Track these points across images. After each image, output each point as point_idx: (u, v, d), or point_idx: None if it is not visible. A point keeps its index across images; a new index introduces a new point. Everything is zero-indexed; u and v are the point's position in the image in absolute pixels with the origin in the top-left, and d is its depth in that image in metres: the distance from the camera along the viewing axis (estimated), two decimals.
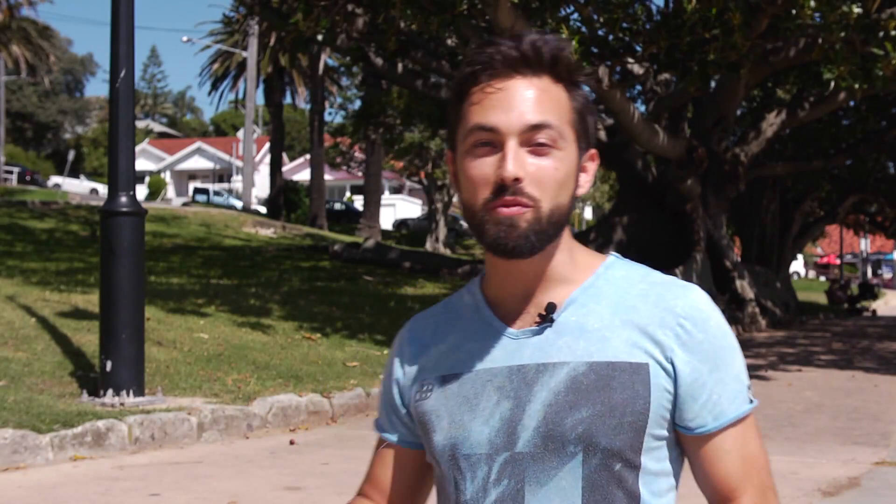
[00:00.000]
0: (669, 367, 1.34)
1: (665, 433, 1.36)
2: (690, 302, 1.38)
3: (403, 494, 1.53)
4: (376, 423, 1.56)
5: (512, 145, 1.31)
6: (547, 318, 1.37)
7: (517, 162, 1.30)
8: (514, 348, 1.38)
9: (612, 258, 1.45)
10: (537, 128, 1.31)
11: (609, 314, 1.37)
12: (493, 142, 1.32)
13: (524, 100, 1.32)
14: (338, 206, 49.29)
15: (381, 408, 1.56)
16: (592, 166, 1.42)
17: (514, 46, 1.34)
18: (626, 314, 1.36)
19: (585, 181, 1.40)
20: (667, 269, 17.81)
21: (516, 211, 1.31)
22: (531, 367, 1.36)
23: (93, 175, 67.39)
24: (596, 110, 1.46)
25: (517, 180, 1.30)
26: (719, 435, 1.36)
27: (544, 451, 1.33)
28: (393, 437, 1.52)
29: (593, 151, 1.42)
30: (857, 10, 11.34)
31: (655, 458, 1.36)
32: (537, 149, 1.32)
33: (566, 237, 1.40)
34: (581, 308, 1.38)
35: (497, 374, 1.38)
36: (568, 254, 1.40)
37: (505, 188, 1.30)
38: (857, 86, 11.94)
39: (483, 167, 1.32)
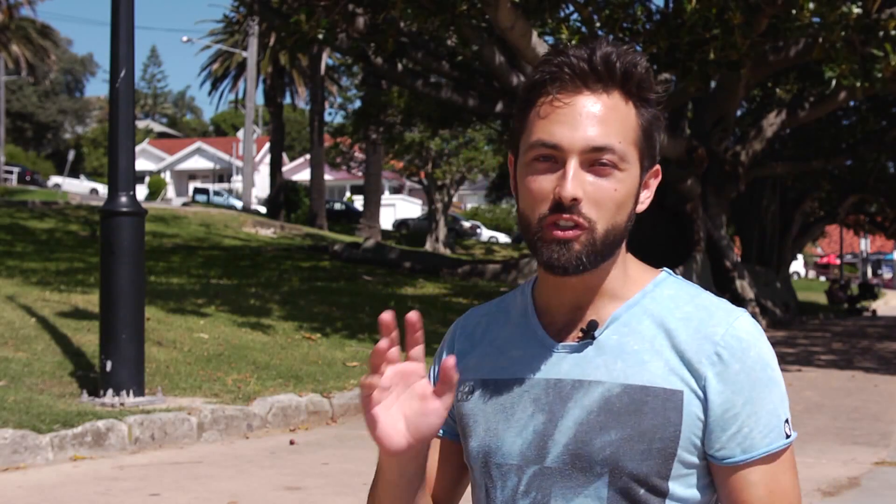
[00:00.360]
0: (702, 395, 1.32)
1: (696, 460, 1.34)
2: (732, 331, 1.34)
3: (444, 485, 1.52)
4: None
5: (573, 164, 1.29)
6: (588, 335, 1.37)
7: (576, 181, 1.29)
8: (554, 361, 1.38)
9: (664, 275, 1.43)
10: (600, 150, 1.30)
11: (650, 336, 1.35)
12: (555, 157, 1.30)
13: (590, 118, 1.30)
14: (338, 206, 49.25)
15: None
16: (654, 182, 1.41)
17: (586, 59, 1.31)
18: (667, 338, 1.34)
19: (646, 198, 1.39)
20: (667, 269, 17.89)
21: (571, 234, 1.30)
22: (568, 382, 1.35)
23: (93, 175, 67.35)
24: (663, 126, 1.40)
25: (575, 200, 1.29)
26: (747, 467, 1.33)
27: (572, 469, 1.33)
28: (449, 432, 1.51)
29: (657, 168, 1.40)
30: (856, 10, 11.35)
31: (685, 485, 1.34)
32: (598, 168, 1.30)
33: (621, 251, 1.38)
34: (623, 327, 1.36)
35: (535, 385, 1.38)
36: (622, 268, 1.39)
37: (562, 206, 1.29)
38: (858, 84, 11.94)
39: (543, 182, 1.31)
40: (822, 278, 62.69)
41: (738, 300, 18.30)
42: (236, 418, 6.83)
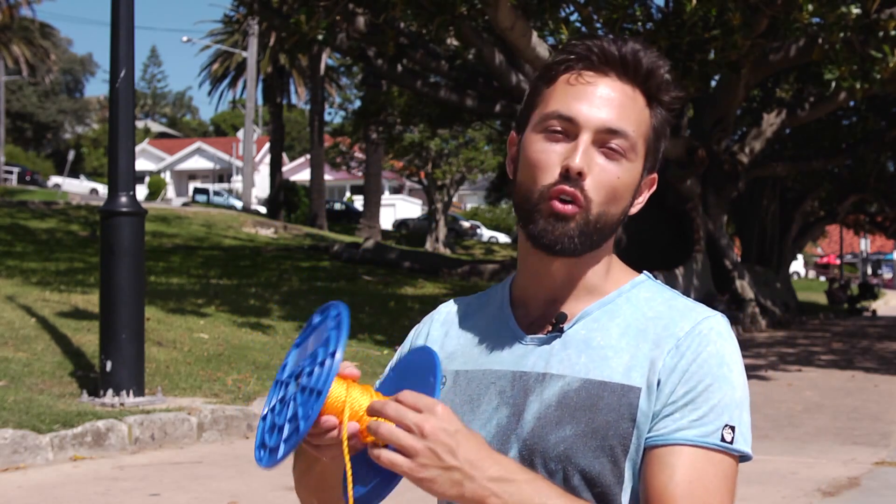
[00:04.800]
0: (656, 388, 1.28)
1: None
2: (697, 327, 1.30)
3: None
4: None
5: (585, 139, 1.29)
6: (556, 327, 1.35)
7: (586, 156, 1.29)
8: (521, 353, 1.36)
9: (643, 277, 1.41)
10: (614, 133, 1.30)
11: (618, 333, 1.33)
12: (567, 132, 1.30)
13: (610, 100, 1.31)
14: (338, 206, 49.24)
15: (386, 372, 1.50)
16: (648, 192, 1.40)
17: (616, 47, 1.32)
18: (635, 336, 1.32)
19: (639, 202, 1.38)
20: (667, 269, 17.81)
21: (570, 209, 1.29)
22: (532, 375, 1.33)
23: (93, 175, 67.32)
24: (668, 134, 1.40)
25: (580, 174, 1.28)
26: (668, 448, 1.25)
27: (530, 465, 1.29)
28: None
29: (654, 177, 1.40)
30: (855, 10, 11.36)
31: (633, 486, 1.29)
32: (608, 151, 1.30)
33: (607, 248, 1.37)
34: (593, 323, 1.34)
35: (501, 377, 1.35)
36: (605, 266, 1.38)
37: (568, 178, 1.28)
38: (857, 85, 11.94)
39: (551, 153, 1.30)
40: (822, 278, 62.69)
41: (738, 300, 18.31)
42: (236, 418, 6.83)
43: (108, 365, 6.68)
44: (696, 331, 1.30)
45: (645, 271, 1.43)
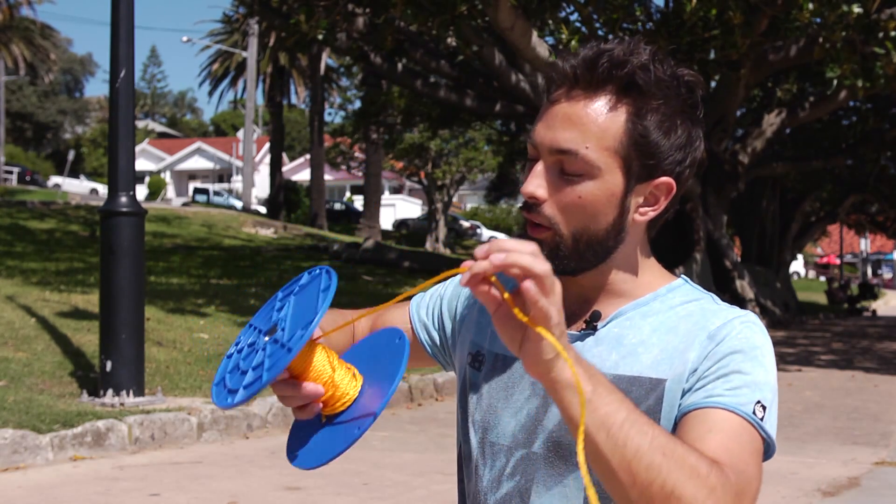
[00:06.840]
0: (685, 378, 1.28)
1: None
2: (730, 322, 1.31)
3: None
4: (415, 299, 1.57)
5: (540, 165, 1.31)
6: (590, 325, 1.37)
7: (536, 181, 1.30)
8: None
9: (681, 282, 1.42)
10: (563, 153, 1.29)
11: (650, 331, 1.34)
12: (536, 156, 1.33)
13: (564, 121, 1.30)
14: (338, 206, 49.22)
15: (427, 295, 1.57)
16: (664, 199, 1.36)
17: (574, 63, 1.31)
18: (666, 333, 1.33)
19: (650, 211, 1.35)
20: (667, 269, 17.95)
21: (538, 234, 1.31)
22: None
23: (93, 175, 67.32)
24: (675, 130, 1.33)
25: (533, 198, 1.30)
26: (704, 409, 1.24)
27: (555, 456, 1.33)
28: (415, 318, 1.55)
29: (665, 180, 1.35)
30: (857, 10, 11.35)
31: None
32: (567, 173, 1.30)
33: (629, 255, 1.37)
34: (625, 322, 1.36)
35: None
36: (630, 271, 1.38)
37: (527, 204, 1.31)
38: (859, 83, 11.95)
39: (526, 179, 1.34)
40: (822, 278, 62.69)
41: (738, 300, 18.30)
42: (236, 418, 6.83)
43: (108, 365, 6.68)
44: (730, 324, 1.31)
45: (683, 275, 1.44)
